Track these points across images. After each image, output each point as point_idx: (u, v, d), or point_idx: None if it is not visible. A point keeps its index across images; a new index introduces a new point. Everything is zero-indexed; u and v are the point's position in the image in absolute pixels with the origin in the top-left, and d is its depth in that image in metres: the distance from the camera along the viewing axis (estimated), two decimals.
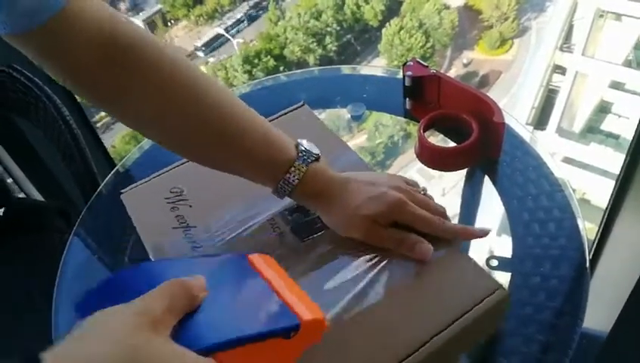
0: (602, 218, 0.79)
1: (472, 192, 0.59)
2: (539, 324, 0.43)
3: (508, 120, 0.58)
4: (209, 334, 0.30)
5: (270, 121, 0.55)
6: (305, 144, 0.44)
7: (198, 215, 0.49)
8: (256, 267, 0.36)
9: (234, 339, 0.30)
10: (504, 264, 0.49)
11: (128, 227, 0.60)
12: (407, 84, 0.61)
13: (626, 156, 0.71)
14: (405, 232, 0.43)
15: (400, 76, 0.63)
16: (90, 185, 0.72)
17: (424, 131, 0.59)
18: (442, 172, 0.58)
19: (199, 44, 11.70)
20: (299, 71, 0.74)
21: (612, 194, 0.76)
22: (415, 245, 0.42)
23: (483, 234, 0.44)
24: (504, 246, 0.50)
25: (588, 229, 0.53)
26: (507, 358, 0.42)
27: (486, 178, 0.57)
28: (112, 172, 0.67)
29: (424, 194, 0.47)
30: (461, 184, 0.59)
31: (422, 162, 0.58)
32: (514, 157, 0.57)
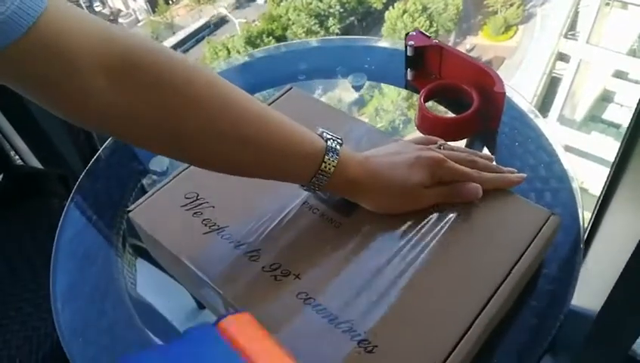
0: (595, 205, 0.80)
1: None
2: (532, 290, 0.44)
3: (509, 92, 0.58)
4: None
5: None
6: (327, 133, 0.42)
7: (225, 214, 0.46)
8: (227, 335, 0.32)
9: None
10: None
11: (127, 190, 0.61)
12: (409, 54, 0.61)
13: (622, 143, 0.71)
14: (448, 184, 0.44)
15: (402, 48, 0.63)
16: (89, 150, 0.73)
17: (425, 102, 0.59)
18: None
19: (200, 23, 11.57)
20: (299, 41, 0.74)
21: (606, 181, 0.77)
22: (462, 189, 0.43)
23: (521, 179, 0.46)
24: None
25: (585, 218, 0.54)
26: (500, 323, 0.42)
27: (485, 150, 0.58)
28: (106, 143, 0.67)
29: (442, 147, 0.48)
30: None
31: (422, 133, 0.58)
32: (513, 129, 0.57)
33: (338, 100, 0.72)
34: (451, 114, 0.60)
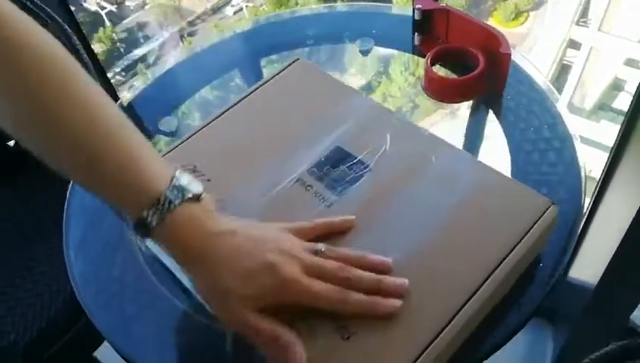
0: (595, 188, 0.81)
1: (476, 126, 0.59)
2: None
3: (516, 58, 0.58)
4: None
5: (266, 81, 0.54)
6: (185, 178, 0.36)
7: (221, 186, 0.45)
8: None
9: None
10: None
11: None
12: (417, 17, 0.61)
13: (622, 125, 0.72)
14: (278, 327, 0.35)
15: (409, 14, 0.63)
16: None
17: (432, 65, 0.59)
18: None
19: (208, 6, 11.53)
20: (306, 7, 0.74)
21: (606, 164, 0.77)
22: (288, 348, 0.34)
23: (391, 309, 0.36)
24: None
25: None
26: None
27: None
28: (117, 103, 0.68)
29: (319, 252, 0.37)
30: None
31: (429, 95, 0.59)
32: (518, 91, 0.58)
33: (345, 81, 0.72)
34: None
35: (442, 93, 0.58)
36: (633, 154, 0.69)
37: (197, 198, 0.36)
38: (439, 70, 0.61)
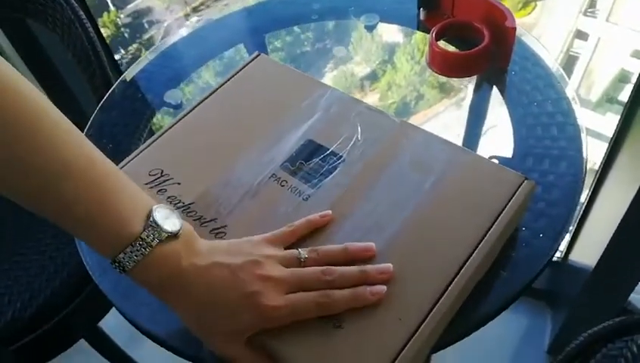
0: (596, 174, 0.81)
1: (480, 101, 0.59)
2: (531, 213, 0.45)
3: (521, 34, 0.58)
4: None
5: (228, 80, 0.53)
6: (160, 215, 0.34)
7: (191, 190, 0.44)
8: None
9: None
10: (504, 163, 0.50)
11: (142, 122, 0.63)
12: None
13: (622, 115, 0.72)
14: (261, 359, 0.36)
15: None
16: (105, 89, 0.74)
17: (437, 41, 0.59)
18: None
19: None
20: None
21: (605, 153, 0.78)
22: None
23: (379, 295, 0.36)
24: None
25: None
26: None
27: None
28: (120, 78, 0.68)
29: (302, 260, 0.37)
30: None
31: (433, 70, 0.59)
32: (523, 68, 0.58)
33: (351, 73, 0.71)
34: None
35: (447, 68, 0.58)
36: (631, 145, 0.70)
37: (174, 236, 0.34)
38: (445, 46, 0.61)
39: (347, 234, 0.40)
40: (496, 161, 0.51)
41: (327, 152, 0.45)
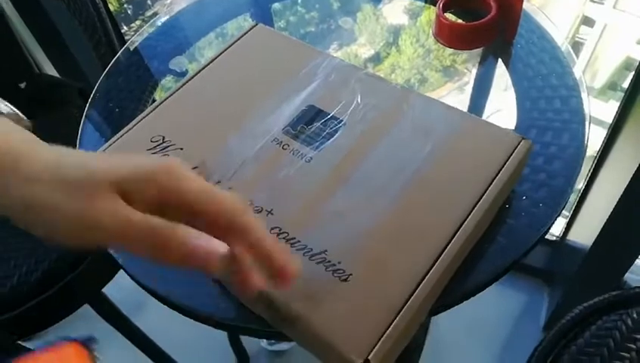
0: (594, 159, 0.82)
1: (486, 74, 0.60)
2: (532, 183, 0.46)
3: (528, 8, 0.58)
4: None
5: (226, 49, 0.53)
6: None
7: (193, 155, 0.44)
8: None
9: None
10: None
11: (147, 88, 0.63)
12: None
13: (621, 102, 0.72)
14: (168, 222, 0.27)
15: None
16: (110, 56, 0.74)
17: (444, 12, 0.59)
18: None
19: None
20: None
21: (605, 139, 0.78)
22: (184, 238, 0.27)
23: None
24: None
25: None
26: (500, 210, 0.45)
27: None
28: (125, 45, 0.68)
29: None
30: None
31: (440, 42, 0.59)
32: (529, 41, 0.58)
33: (355, 55, 0.71)
34: None
35: (453, 39, 0.58)
36: (630, 130, 0.70)
37: None
38: (451, 18, 0.61)
39: (351, 194, 0.41)
40: None
41: (328, 116, 0.46)
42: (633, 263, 0.83)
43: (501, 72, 0.57)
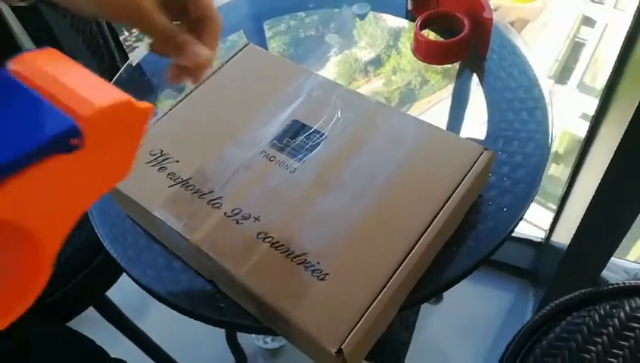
0: (574, 161, 0.86)
1: (461, 87, 0.64)
2: (499, 190, 0.50)
3: (500, 25, 0.62)
4: None
5: (219, 68, 0.57)
6: None
7: (189, 166, 0.49)
8: (21, 76, 0.24)
9: None
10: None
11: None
12: None
13: (600, 100, 0.76)
14: (180, 30, 0.37)
15: None
16: (112, 71, 0.79)
17: (422, 30, 0.63)
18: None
19: None
20: None
21: (584, 139, 0.82)
22: (190, 47, 0.37)
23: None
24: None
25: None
26: (467, 215, 0.49)
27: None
28: (127, 62, 0.73)
29: None
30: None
31: (418, 58, 0.64)
32: (500, 56, 0.62)
33: (355, 59, 0.73)
34: None
35: (429, 55, 0.62)
36: (603, 135, 0.74)
37: None
38: (430, 34, 0.66)
39: (331, 200, 0.45)
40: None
41: (311, 130, 0.50)
42: (608, 261, 0.86)
43: (475, 85, 0.62)
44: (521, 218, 0.49)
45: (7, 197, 0.21)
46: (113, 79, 0.70)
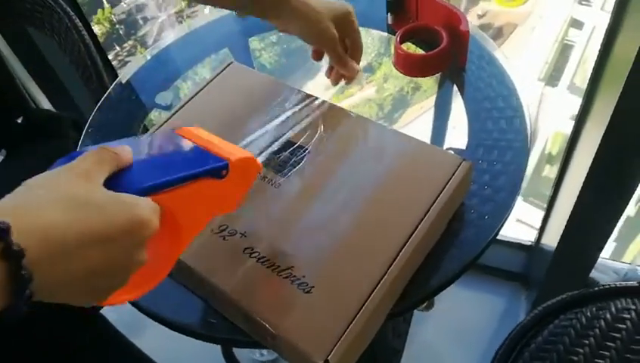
0: (560, 164, 0.87)
1: (443, 98, 0.65)
2: (480, 198, 0.51)
3: (479, 37, 0.64)
4: (142, 180, 0.32)
5: (204, 87, 0.59)
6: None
7: None
8: (183, 135, 0.39)
9: (166, 180, 0.32)
10: (458, 153, 0.55)
11: (136, 122, 0.68)
12: None
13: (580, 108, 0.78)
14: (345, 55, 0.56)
15: None
16: (100, 90, 0.80)
17: (402, 43, 0.65)
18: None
19: None
20: None
21: (568, 142, 0.84)
22: (348, 63, 0.56)
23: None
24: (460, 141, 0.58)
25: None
26: (451, 222, 0.50)
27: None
28: (116, 81, 0.74)
29: None
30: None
31: (399, 70, 0.65)
32: (479, 67, 0.63)
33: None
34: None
35: (409, 68, 0.64)
36: (586, 136, 0.76)
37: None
38: (410, 47, 0.67)
39: (315, 214, 0.46)
40: (451, 151, 0.57)
41: (295, 146, 0.52)
42: (596, 261, 0.88)
43: (456, 95, 0.63)
44: (502, 225, 0.50)
45: (179, 196, 0.33)
46: (102, 99, 0.71)
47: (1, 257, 0.24)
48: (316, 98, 0.56)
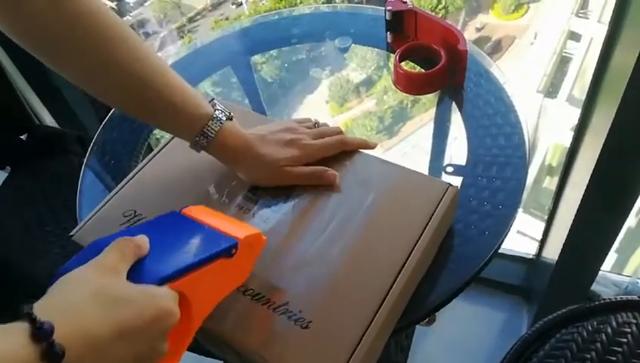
0: (559, 177, 0.88)
1: (442, 115, 0.66)
2: (480, 214, 0.52)
3: (476, 54, 0.65)
4: (160, 269, 0.34)
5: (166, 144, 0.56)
6: (219, 102, 0.48)
7: None
8: (190, 216, 0.41)
9: (183, 267, 0.35)
10: (458, 170, 0.57)
11: (140, 139, 0.69)
12: (388, 18, 0.68)
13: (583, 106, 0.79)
14: (311, 167, 0.50)
15: (383, 14, 0.70)
16: (106, 109, 0.81)
17: (401, 61, 0.66)
18: None
19: (208, 2, 11.54)
20: (290, 9, 0.81)
21: (567, 153, 0.84)
22: (323, 174, 0.50)
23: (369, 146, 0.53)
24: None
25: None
26: (451, 239, 0.50)
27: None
28: None
29: (316, 125, 0.55)
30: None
31: (398, 88, 0.66)
32: (477, 84, 0.65)
33: (346, 80, 0.73)
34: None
35: (409, 86, 0.65)
36: (585, 148, 0.76)
37: (231, 117, 0.49)
38: (408, 65, 0.68)
39: (307, 247, 0.46)
40: (451, 168, 0.58)
41: None
42: (597, 274, 0.88)
43: (455, 113, 0.64)
44: (502, 241, 0.51)
45: (193, 281, 0.35)
46: (106, 119, 0.72)
47: (43, 356, 0.27)
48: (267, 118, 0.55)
